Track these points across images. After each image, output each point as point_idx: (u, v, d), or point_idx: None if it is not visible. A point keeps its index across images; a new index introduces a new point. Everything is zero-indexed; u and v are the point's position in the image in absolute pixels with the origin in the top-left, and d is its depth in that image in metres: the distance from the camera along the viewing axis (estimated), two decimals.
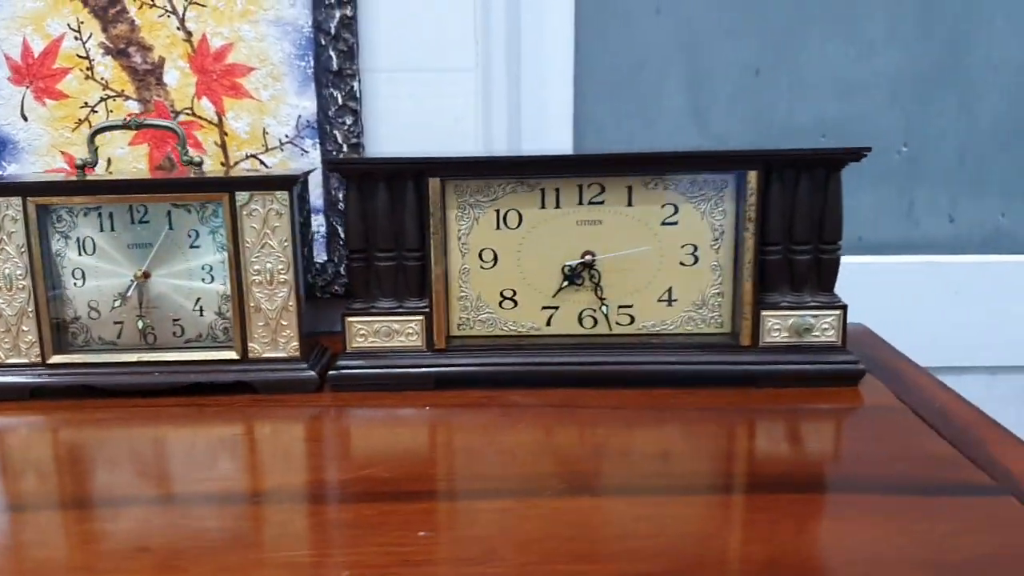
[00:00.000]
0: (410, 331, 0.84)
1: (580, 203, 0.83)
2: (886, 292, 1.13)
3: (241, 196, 0.80)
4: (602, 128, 1.11)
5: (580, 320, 0.85)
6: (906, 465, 0.66)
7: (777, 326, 0.83)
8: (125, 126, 0.84)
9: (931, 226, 1.16)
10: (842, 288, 0.84)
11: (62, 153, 0.98)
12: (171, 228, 0.83)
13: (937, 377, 0.85)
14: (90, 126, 0.97)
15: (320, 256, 1.00)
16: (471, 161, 0.82)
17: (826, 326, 0.83)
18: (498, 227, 0.84)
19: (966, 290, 1.14)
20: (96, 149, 0.84)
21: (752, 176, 0.80)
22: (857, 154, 0.80)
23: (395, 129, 1.00)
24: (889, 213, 1.16)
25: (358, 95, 0.97)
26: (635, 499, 0.61)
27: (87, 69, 0.96)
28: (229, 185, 0.80)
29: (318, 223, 1.00)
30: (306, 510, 0.61)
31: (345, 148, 0.98)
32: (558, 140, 1.08)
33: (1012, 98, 1.11)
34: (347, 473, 0.66)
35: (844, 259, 1.13)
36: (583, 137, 1.11)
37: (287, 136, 0.97)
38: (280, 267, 0.82)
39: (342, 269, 1.00)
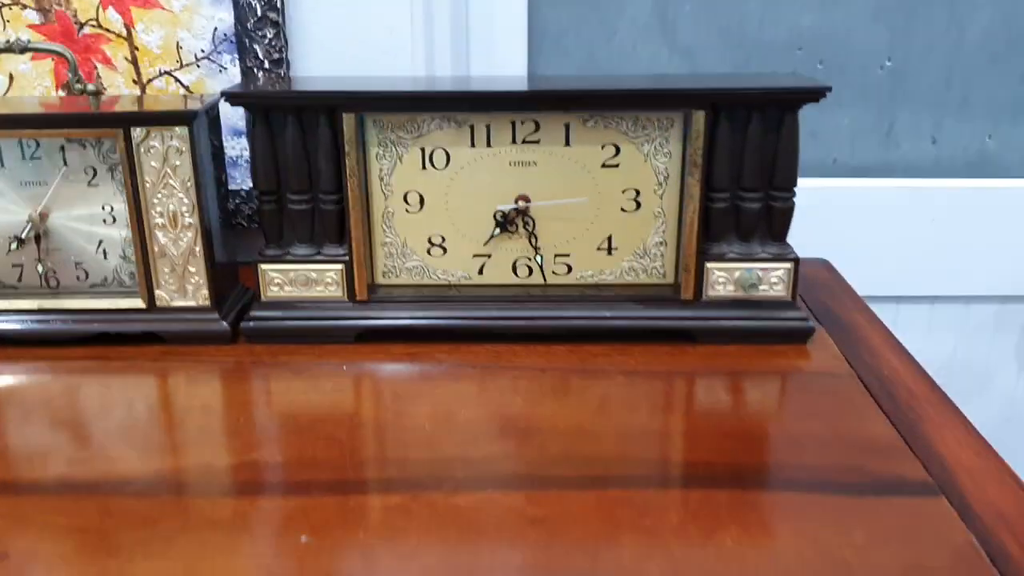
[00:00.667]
0: (329, 280, 0.78)
1: (513, 142, 0.75)
2: (860, 217, 1.06)
3: (137, 132, 0.73)
4: (559, 39, 1.02)
5: (514, 269, 0.79)
6: (838, 453, 0.61)
7: (722, 279, 0.77)
8: (9, 49, 0.76)
9: (912, 148, 1.08)
10: (813, 213, 0.77)
11: None
12: (66, 164, 0.76)
13: (892, 333, 0.80)
14: None
15: (246, 182, 0.93)
16: (389, 96, 0.74)
17: (775, 280, 0.77)
18: (424, 167, 0.76)
19: (946, 216, 1.07)
20: None
21: (699, 117, 0.72)
22: (816, 94, 0.72)
23: (322, 43, 0.91)
24: (867, 134, 1.07)
25: (279, 5, 0.87)
26: (534, 494, 0.57)
27: None
28: (124, 120, 0.73)
29: (242, 147, 0.92)
30: (177, 504, 0.57)
31: (266, 64, 0.89)
32: (509, 53, 0.99)
33: (1006, 10, 1.00)
34: (236, 456, 0.62)
35: (816, 182, 1.06)
36: (538, 50, 1.02)
37: (203, 51, 0.89)
38: (184, 209, 0.75)
39: None
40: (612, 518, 0.55)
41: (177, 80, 0.90)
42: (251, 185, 0.92)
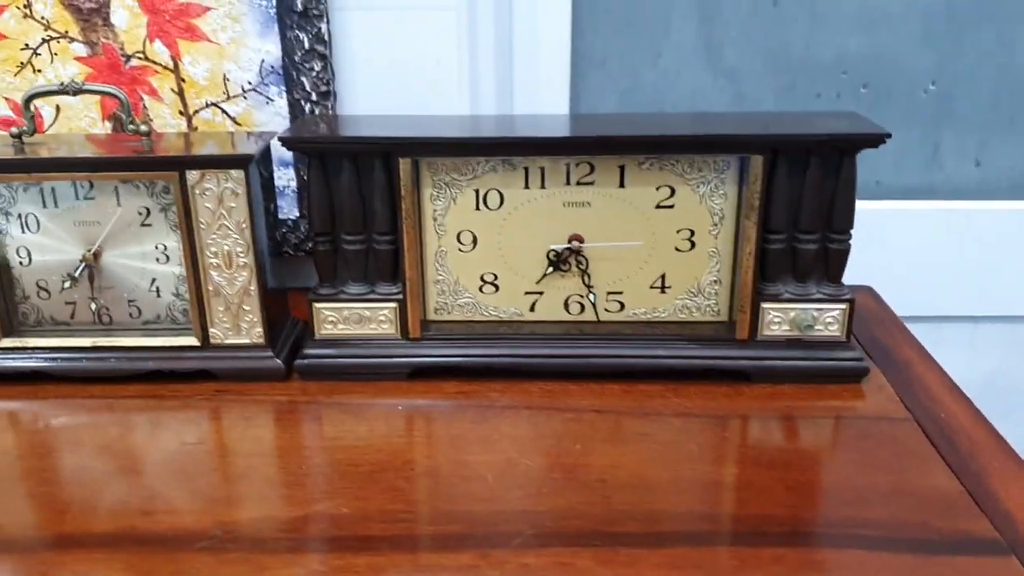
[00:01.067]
0: (382, 318, 0.78)
1: (567, 183, 0.75)
2: (904, 238, 1.06)
3: (192, 175, 0.73)
4: (603, 64, 1.01)
5: (566, 306, 0.79)
6: (902, 507, 0.61)
7: (777, 319, 0.76)
8: (63, 91, 0.75)
9: (956, 170, 1.07)
10: (856, 234, 0.76)
11: (6, 99, 0.89)
12: (119, 205, 0.76)
13: (946, 373, 0.80)
14: (34, 70, 0.88)
15: (292, 211, 0.93)
16: (445, 142, 0.74)
17: (830, 320, 0.76)
18: (477, 208, 0.76)
19: (990, 237, 1.07)
20: (32, 116, 0.76)
21: (757, 161, 0.72)
22: (875, 140, 0.71)
23: (369, 75, 0.90)
24: (912, 156, 1.07)
25: (327, 38, 0.87)
26: (603, 553, 0.57)
27: (25, 7, 0.86)
28: (179, 164, 0.73)
29: (288, 177, 0.92)
30: (252, 561, 0.57)
31: (314, 96, 0.89)
32: (553, 79, 0.98)
33: None
34: (302, 507, 0.62)
35: (859, 204, 1.06)
36: (582, 75, 1.01)
37: (250, 83, 0.89)
38: (239, 249, 0.75)
39: None
40: None
41: (224, 111, 0.89)
42: (297, 214, 0.92)
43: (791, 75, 1.02)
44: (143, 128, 0.76)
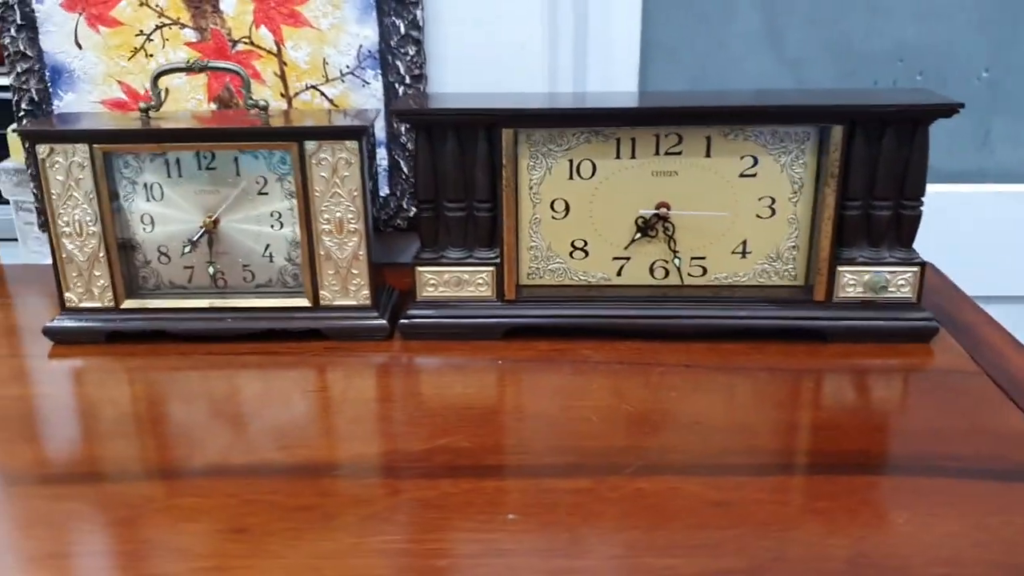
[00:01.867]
0: (480, 281, 0.84)
1: (656, 153, 0.80)
2: (957, 222, 1.10)
3: (310, 145, 0.79)
4: (672, 51, 1.07)
5: (651, 271, 0.84)
6: (980, 443, 0.66)
7: (852, 281, 0.81)
8: (188, 69, 0.82)
9: (1007, 155, 1.12)
10: None
11: (119, 83, 0.96)
12: (238, 175, 0.82)
13: (1010, 333, 0.84)
14: (146, 55, 0.95)
15: (382, 190, 0.99)
16: (547, 113, 0.79)
17: (902, 282, 0.81)
18: (571, 177, 0.82)
19: None
20: (159, 92, 0.83)
21: (837, 131, 0.77)
22: (950, 110, 0.76)
23: (458, 57, 0.96)
24: (964, 141, 1.12)
25: (421, 23, 0.93)
26: (710, 480, 0.62)
27: None
28: (298, 135, 0.79)
29: (380, 156, 0.98)
30: (389, 485, 0.62)
31: (407, 79, 0.95)
32: (624, 65, 1.04)
33: None
34: (426, 442, 0.67)
35: None
36: (651, 61, 1.07)
37: (348, 67, 0.95)
38: (350, 216, 0.81)
39: (404, 203, 0.99)
40: (788, 502, 0.60)
41: (322, 94, 0.95)
42: (387, 192, 0.98)
43: (850, 63, 1.08)
44: (262, 103, 0.82)
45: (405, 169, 0.98)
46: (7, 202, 1.27)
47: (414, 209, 0.98)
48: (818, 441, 0.68)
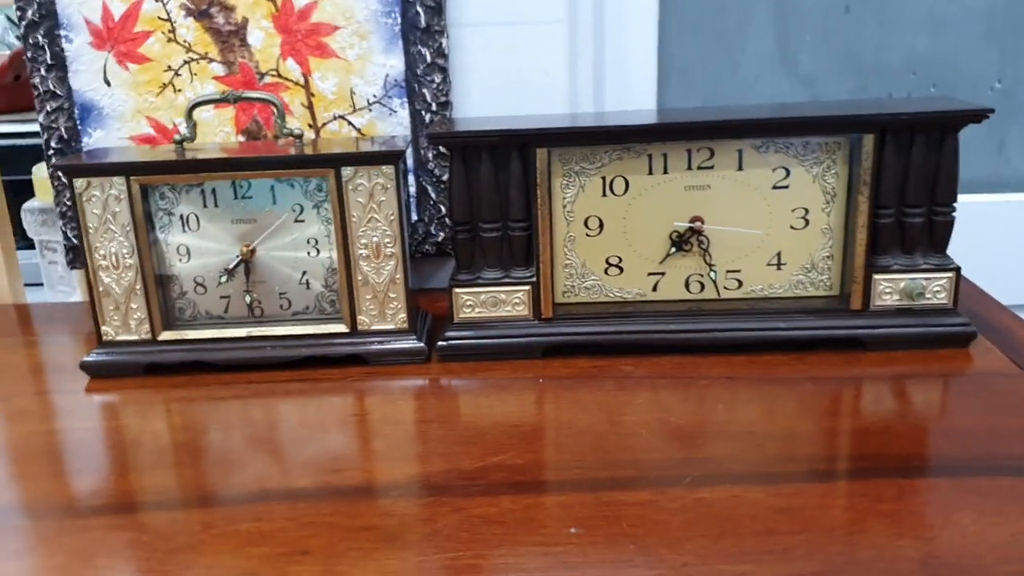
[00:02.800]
0: (516, 300, 0.84)
1: (688, 168, 0.81)
2: (972, 231, 1.11)
3: (347, 171, 0.79)
4: (687, 71, 1.08)
5: (687, 285, 0.85)
6: None
7: (888, 289, 0.82)
8: (224, 100, 0.82)
9: (1021, 164, 1.13)
10: None
11: (147, 118, 0.96)
12: (274, 203, 0.83)
13: None
14: (175, 90, 0.95)
15: (411, 216, 0.99)
16: (580, 131, 0.80)
17: (938, 288, 0.82)
18: (604, 194, 0.82)
19: None
20: (194, 124, 0.83)
21: (869, 139, 0.78)
22: (979, 115, 0.77)
23: (483, 85, 0.97)
24: (979, 150, 1.13)
25: (446, 52, 0.94)
26: (771, 488, 0.62)
27: (169, 32, 0.94)
28: (335, 161, 0.79)
29: (408, 182, 0.98)
30: (449, 503, 0.62)
31: (434, 107, 0.96)
32: (641, 85, 1.05)
33: None
34: (480, 460, 0.67)
35: None
36: (666, 82, 1.08)
37: (375, 96, 0.96)
38: (387, 240, 0.81)
39: (432, 228, 1.00)
40: (852, 506, 0.60)
41: (350, 123, 0.96)
42: (415, 218, 0.98)
43: (863, 77, 1.09)
44: (296, 131, 0.83)
45: (433, 195, 0.99)
46: (30, 247, 1.28)
47: (442, 235, 0.99)
48: (872, 445, 0.68)
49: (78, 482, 0.68)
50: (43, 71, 0.94)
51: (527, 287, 0.83)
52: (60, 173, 0.98)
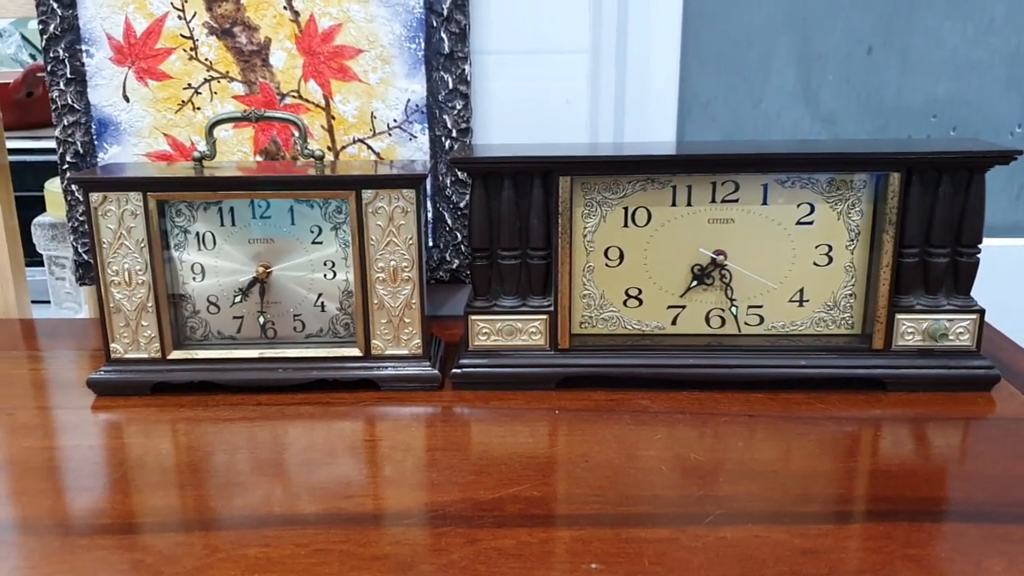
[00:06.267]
0: (533, 330, 0.83)
1: (713, 201, 0.80)
2: (991, 275, 1.10)
3: (367, 194, 0.79)
4: (708, 106, 1.08)
5: (707, 320, 0.84)
6: None
7: (911, 329, 0.81)
8: (245, 118, 0.82)
9: None
10: None
11: (165, 135, 0.96)
12: (293, 224, 0.82)
13: None
14: (194, 108, 0.95)
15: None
16: (605, 160, 0.80)
17: (961, 330, 0.81)
18: (626, 224, 0.82)
19: None
20: (214, 142, 0.83)
21: (895, 178, 0.77)
22: (1006, 157, 0.77)
23: (504, 113, 0.97)
24: (997, 195, 1.12)
25: (469, 79, 0.94)
26: (795, 528, 0.60)
27: (191, 49, 0.93)
28: (356, 183, 0.78)
29: (426, 208, 0.98)
30: (464, 534, 0.60)
31: (454, 133, 0.95)
32: (661, 118, 1.05)
33: None
34: (495, 491, 0.65)
35: None
36: (687, 115, 1.08)
37: (395, 120, 0.95)
38: (404, 264, 0.80)
39: (448, 255, 0.99)
40: (878, 549, 0.58)
41: (369, 147, 0.96)
42: (429, 244, 0.97)
43: (884, 118, 1.09)
44: (318, 152, 0.82)
45: (450, 222, 0.98)
46: (39, 264, 1.27)
47: (456, 262, 0.98)
48: (897, 488, 0.66)
49: (82, 500, 0.66)
50: (62, 85, 0.94)
51: (544, 316, 0.82)
52: (75, 187, 0.97)
